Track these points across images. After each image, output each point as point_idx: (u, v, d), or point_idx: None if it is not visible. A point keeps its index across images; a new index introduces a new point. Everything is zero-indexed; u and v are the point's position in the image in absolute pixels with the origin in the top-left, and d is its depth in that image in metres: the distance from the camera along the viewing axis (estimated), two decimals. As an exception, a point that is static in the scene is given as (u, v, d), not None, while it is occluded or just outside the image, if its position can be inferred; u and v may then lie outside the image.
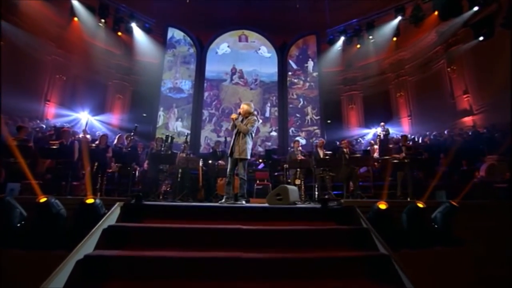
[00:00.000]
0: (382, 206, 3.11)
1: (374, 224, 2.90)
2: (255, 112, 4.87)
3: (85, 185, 6.23)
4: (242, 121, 4.50)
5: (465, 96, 10.17)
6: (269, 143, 11.15)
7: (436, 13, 8.57)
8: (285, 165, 6.44)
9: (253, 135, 4.60)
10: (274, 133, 11.33)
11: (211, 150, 9.97)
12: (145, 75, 11.72)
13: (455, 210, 3.33)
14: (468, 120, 10.04)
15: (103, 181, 5.69)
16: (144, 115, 11.12)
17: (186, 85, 11.42)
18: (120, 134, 7.02)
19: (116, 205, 2.75)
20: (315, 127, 11.43)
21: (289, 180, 7.24)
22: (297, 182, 6.45)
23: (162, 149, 6.05)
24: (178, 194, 6.06)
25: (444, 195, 3.91)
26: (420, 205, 3.21)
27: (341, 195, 6.25)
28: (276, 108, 11.36)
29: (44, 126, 8.68)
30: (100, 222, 2.45)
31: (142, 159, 6.71)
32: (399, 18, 9.19)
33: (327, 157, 6.02)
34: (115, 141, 6.71)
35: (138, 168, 6.87)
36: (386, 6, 9.55)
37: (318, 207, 3.11)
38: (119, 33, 10.37)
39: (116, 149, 5.85)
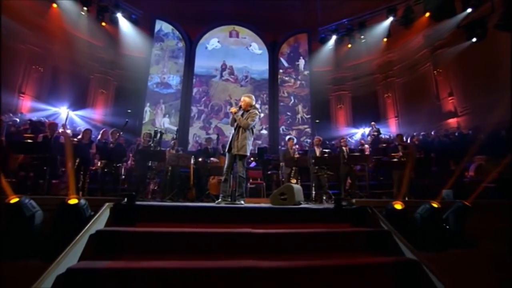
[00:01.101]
0: (398, 206, 2.88)
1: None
2: (257, 105, 4.55)
3: (66, 183, 5.69)
4: (242, 115, 4.17)
5: (450, 98, 10.33)
6: (259, 141, 10.82)
7: (427, 15, 8.58)
8: (281, 164, 6.15)
9: (254, 130, 4.28)
10: (264, 131, 11.03)
11: (199, 148, 9.56)
12: (130, 69, 11.06)
13: (468, 210, 3.17)
14: (453, 121, 10.20)
15: (86, 179, 5.17)
16: (129, 110, 10.49)
17: (174, 80, 10.88)
18: (104, 129, 6.51)
19: (105, 206, 2.33)
20: (306, 126, 11.24)
21: (282, 179, 6.98)
22: (293, 181, 6.20)
23: (152, 145, 5.59)
24: (167, 193, 5.64)
25: (451, 194, 3.78)
26: (435, 205, 3.01)
27: (338, 194, 6.06)
28: (266, 106, 11.06)
29: (18, 120, 7.93)
30: (86, 227, 2.04)
31: (126, 156, 6.22)
32: (391, 18, 9.14)
33: (325, 155, 5.80)
34: (99, 137, 6.22)
35: (123, 166, 6.39)
36: (379, 6, 9.49)
37: (331, 208, 2.84)
38: (103, 24, 9.66)
39: (101, 145, 5.34)
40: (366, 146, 8.91)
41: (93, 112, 10.72)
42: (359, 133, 12.31)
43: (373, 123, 10.36)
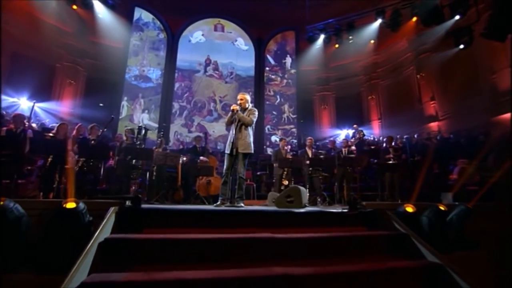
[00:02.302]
0: (409, 209, 2.96)
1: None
2: (251, 104, 4.52)
3: (35, 183, 5.25)
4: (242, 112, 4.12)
5: (431, 102, 10.91)
6: (244, 141, 10.73)
7: (414, 19, 8.98)
8: (275, 164, 6.13)
9: (254, 127, 4.23)
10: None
11: (181, 146, 9.29)
12: (105, 59, 10.43)
13: (470, 213, 3.33)
14: (434, 125, 10.78)
15: (63, 179, 4.79)
16: (101, 104, 9.92)
17: (155, 73, 10.48)
18: (80, 124, 6.12)
19: (111, 210, 2.15)
20: (292, 126, 11.34)
21: (273, 180, 6.97)
22: (285, 182, 6.21)
23: (138, 142, 5.31)
24: (152, 194, 5.41)
25: (451, 197, 3.96)
26: (442, 208, 3.14)
27: (331, 196, 6.16)
28: (252, 104, 10.95)
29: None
30: (95, 235, 1.85)
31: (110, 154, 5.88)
32: (380, 21, 9.46)
33: (321, 156, 5.86)
34: (74, 132, 5.83)
35: (102, 165, 6.04)
36: (367, 7, 9.78)
37: (346, 211, 2.84)
38: (74, 7, 8.98)
39: (82, 141, 4.99)
40: (353, 147, 9.17)
41: (60, 104, 10.00)
42: (342, 134, 12.62)
43: (355, 125, 10.66)
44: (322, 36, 10.89)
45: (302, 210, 3.04)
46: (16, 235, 2.14)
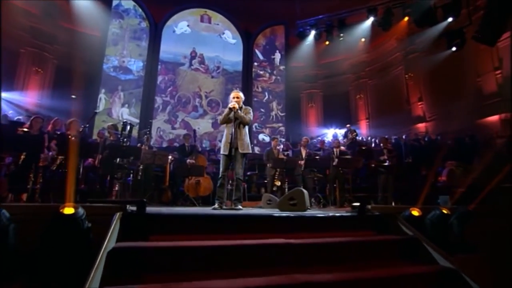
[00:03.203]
0: (415, 212, 3.05)
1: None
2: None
3: (3, 184, 4.96)
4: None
5: (419, 103, 11.35)
6: (230, 139, 10.66)
7: (405, 19, 9.29)
8: (268, 165, 6.13)
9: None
10: (236, 128, 10.87)
11: (164, 144, 9.09)
12: (79, 47, 9.93)
13: (471, 215, 3.50)
14: (421, 126, 11.22)
15: (39, 179, 4.53)
16: (73, 96, 9.45)
17: (136, 65, 10.13)
18: (56, 118, 5.81)
19: (116, 216, 2.04)
20: (280, 124, 11.41)
21: (265, 181, 6.97)
22: (277, 183, 6.24)
23: (125, 139, 5.12)
24: (138, 195, 5.25)
25: (448, 200, 4.14)
26: (445, 211, 3.26)
27: (324, 197, 6.26)
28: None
29: None
30: (104, 244, 1.75)
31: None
32: (371, 19, 9.68)
33: (316, 157, 5.92)
34: (49, 127, 5.54)
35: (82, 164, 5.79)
36: (360, 5, 9.97)
37: (354, 215, 2.89)
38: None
39: (62, 137, 4.74)
40: (343, 148, 9.36)
41: (25, 94, 9.38)
42: (329, 133, 12.82)
43: (348, 125, 10.88)
44: (312, 32, 11.00)
45: (308, 213, 3.06)
46: (4, 244, 2.00)
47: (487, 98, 9.08)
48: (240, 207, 3.97)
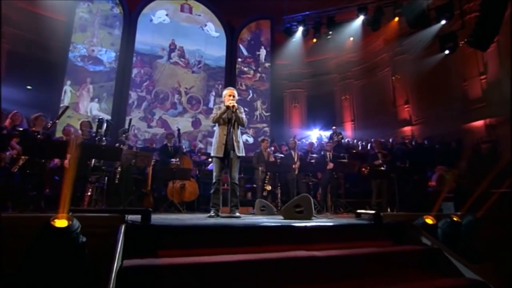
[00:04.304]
0: (429, 221, 3.08)
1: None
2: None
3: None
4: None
5: (406, 106, 11.76)
6: (212, 139, 10.43)
7: (396, 19, 9.61)
8: (260, 168, 6.03)
9: None
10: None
11: (139, 143, 8.71)
12: (37, 31, 9.14)
13: (479, 223, 3.61)
14: (407, 129, 11.63)
15: (-1, 183, 4.12)
16: (29, 87, 8.78)
17: (107, 55, 9.62)
18: (15, 112, 5.33)
19: (122, 229, 1.84)
20: (264, 125, 11.35)
21: (254, 185, 6.87)
22: (268, 188, 6.18)
23: (102, 138, 4.79)
24: (114, 201, 4.95)
25: (452, 207, 4.25)
26: (456, 219, 3.34)
27: (317, 203, 6.23)
28: (222, 99, 10.70)
29: None
30: (115, 263, 1.56)
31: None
32: (361, 18, 9.91)
33: (312, 160, 5.91)
34: (7, 122, 5.08)
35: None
36: (350, 2, 10.17)
37: (370, 223, 2.86)
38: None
39: (27, 134, 4.35)
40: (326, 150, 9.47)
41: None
42: (313, 135, 12.95)
43: (334, 127, 11.04)
44: (300, 29, 11.06)
45: (322, 222, 2.99)
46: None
47: (473, 103, 9.53)
48: (238, 214, 3.86)
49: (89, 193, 5.25)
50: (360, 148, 10.51)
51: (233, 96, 4.12)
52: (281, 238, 2.40)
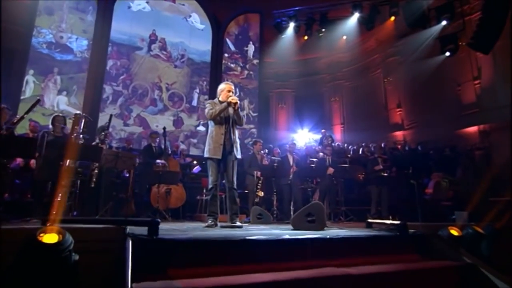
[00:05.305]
0: (455, 232, 3.00)
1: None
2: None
3: None
4: None
5: (398, 109, 11.95)
6: (195, 140, 10.13)
7: (392, 19, 9.75)
8: (255, 172, 5.82)
9: None
10: (201, 128, 10.37)
11: (114, 143, 8.27)
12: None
13: (499, 235, 3.57)
14: (399, 134, 11.83)
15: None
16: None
17: (78, 43, 9.08)
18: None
19: (130, 245, 1.58)
20: (252, 126, 11.15)
21: (246, 191, 6.64)
22: (260, 194, 6.01)
23: (81, 136, 4.41)
24: (96, 207, 4.59)
25: (466, 216, 4.22)
26: (478, 229, 3.28)
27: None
28: (206, 97, 10.42)
29: None
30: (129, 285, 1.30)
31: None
32: (356, 16, 9.99)
33: (312, 164, 5.78)
34: None
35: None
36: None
37: (396, 235, 2.73)
38: None
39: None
40: (321, 154, 9.44)
41: None
42: (300, 138, 12.89)
43: (323, 130, 11.02)
44: (291, 25, 10.99)
45: (344, 233, 2.82)
46: None
47: (466, 108, 9.80)
48: (239, 223, 3.64)
49: (59, 199, 4.84)
50: (351, 152, 10.54)
51: (232, 92, 3.93)
52: (305, 252, 2.22)
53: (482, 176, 7.73)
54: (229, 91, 3.89)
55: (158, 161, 5.49)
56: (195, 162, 7.68)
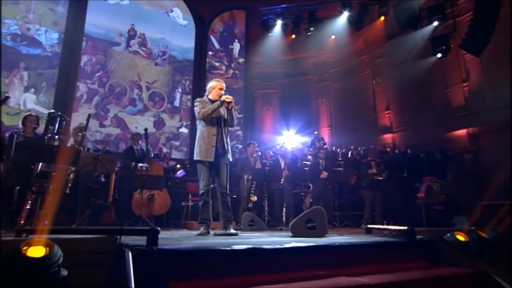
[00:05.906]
0: (461, 238, 3.01)
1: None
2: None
3: None
4: None
5: (386, 112, 12.11)
6: (177, 143, 9.92)
7: (382, 19, 9.95)
8: (246, 175, 5.72)
9: None
10: (184, 130, 10.17)
11: (88, 146, 7.97)
12: None
13: (502, 239, 3.63)
14: (388, 137, 12.01)
15: None
16: None
17: (48, 36, 8.70)
18: None
19: (129, 257, 1.45)
20: (237, 128, 11.05)
21: (234, 196, 6.52)
22: (253, 199, 5.93)
23: (54, 137, 4.18)
24: (72, 215, 4.36)
25: (465, 220, 4.27)
26: (483, 234, 3.32)
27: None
28: (189, 97, 10.26)
29: None
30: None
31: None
32: (345, 15, 10.14)
33: (306, 168, 5.74)
34: None
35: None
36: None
37: (403, 241, 2.71)
38: None
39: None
40: (310, 157, 9.45)
41: None
42: (287, 141, 12.88)
43: (316, 132, 11.06)
44: (278, 23, 11.02)
45: (348, 240, 2.77)
46: None
47: (455, 111, 10.04)
48: (233, 230, 3.53)
49: (28, 206, 4.57)
50: (340, 156, 10.62)
51: (224, 90, 3.85)
52: (312, 260, 2.15)
53: (472, 180, 7.93)
54: (221, 89, 3.80)
55: (140, 164, 5.30)
56: (178, 166, 7.50)
